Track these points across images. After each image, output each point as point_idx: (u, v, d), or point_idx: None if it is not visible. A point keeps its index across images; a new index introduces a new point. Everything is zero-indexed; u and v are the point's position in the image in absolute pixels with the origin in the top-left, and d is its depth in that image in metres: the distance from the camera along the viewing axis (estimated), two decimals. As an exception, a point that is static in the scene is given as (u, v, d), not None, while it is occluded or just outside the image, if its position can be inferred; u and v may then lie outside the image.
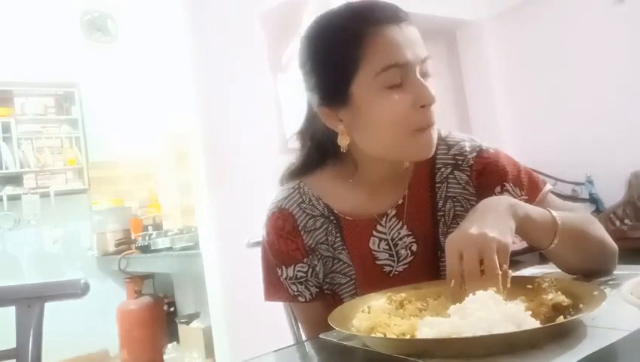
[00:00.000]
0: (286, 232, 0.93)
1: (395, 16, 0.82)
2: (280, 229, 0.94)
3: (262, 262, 0.98)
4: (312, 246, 0.93)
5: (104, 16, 4.47)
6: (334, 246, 0.93)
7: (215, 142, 2.38)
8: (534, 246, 0.83)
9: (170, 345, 3.62)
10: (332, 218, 0.93)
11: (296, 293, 0.94)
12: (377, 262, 0.93)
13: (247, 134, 2.43)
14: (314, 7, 2.65)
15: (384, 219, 0.93)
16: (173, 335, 3.63)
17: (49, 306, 0.96)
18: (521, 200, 0.85)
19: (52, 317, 1.08)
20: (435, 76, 0.85)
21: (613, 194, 3.00)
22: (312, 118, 0.94)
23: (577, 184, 3.19)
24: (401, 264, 0.93)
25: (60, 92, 4.36)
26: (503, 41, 3.60)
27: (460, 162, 0.94)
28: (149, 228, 3.80)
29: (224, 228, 2.33)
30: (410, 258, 0.93)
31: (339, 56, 0.83)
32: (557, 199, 0.97)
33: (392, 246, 0.93)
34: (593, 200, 3.10)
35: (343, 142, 0.86)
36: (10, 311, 0.94)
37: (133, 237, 3.97)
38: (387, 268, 0.93)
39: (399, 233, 0.93)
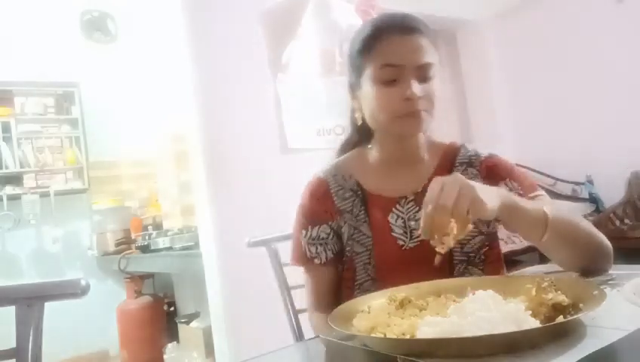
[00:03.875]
0: (320, 194, 1.12)
1: (403, 28, 1.02)
2: (315, 192, 1.13)
3: (294, 228, 1.15)
4: (341, 209, 1.10)
5: (104, 16, 4.47)
6: (358, 217, 1.09)
7: (215, 142, 2.38)
8: (527, 239, 0.91)
9: (170, 345, 3.61)
10: (359, 192, 1.11)
11: (313, 255, 1.09)
12: (393, 234, 1.07)
13: (247, 134, 2.43)
14: (314, 7, 2.65)
15: (403, 201, 1.09)
16: (173, 335, 3.62)
17: (49, 306, 0.95)
18: (517, 193, 1.02)
19: (52, 317, 1.08)
20: (435, 76, 1.03)
21: (613, 194, 3.00)
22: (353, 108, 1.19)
23: (577, 184, 3.19)
24: (412, 241, 1.06)
25: (59, 92, 4.35)
26: (503, 41, 3.61)
27: (474, 160, 1.13)
28: (149, 227, 3.79)
29: (224, 228, 2.33)
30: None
31: (358, 55, 1.07)
32: (550, 201, 1.08)
33: (407, 224, 1.07)
34: (593, 200, 3.10)
35: (357, 118, 1.11)
36: (10, 311, 0.94)
37: (133, 237, 3.96)
38: (400, 242, 1.07)
39: (415, 215, 1.07)
